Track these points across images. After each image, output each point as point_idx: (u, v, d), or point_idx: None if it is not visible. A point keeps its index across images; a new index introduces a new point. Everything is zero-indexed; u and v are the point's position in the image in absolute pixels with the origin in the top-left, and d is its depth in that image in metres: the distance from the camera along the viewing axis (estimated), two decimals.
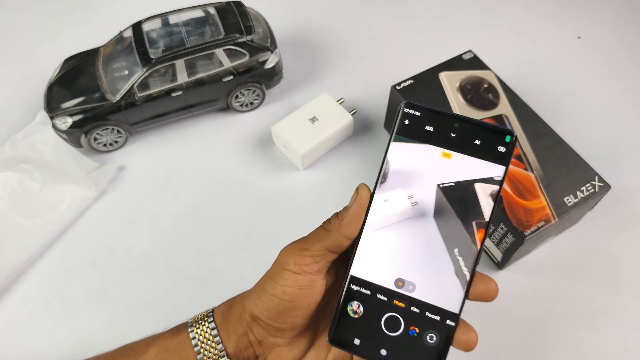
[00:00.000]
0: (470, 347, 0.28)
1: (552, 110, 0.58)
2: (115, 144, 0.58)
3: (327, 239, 0.30)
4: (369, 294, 0.30)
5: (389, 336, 0.29)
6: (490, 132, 0.29)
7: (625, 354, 0.45)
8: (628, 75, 0.65)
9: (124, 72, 0.55)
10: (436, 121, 0.30)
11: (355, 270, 0.30)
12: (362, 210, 0.30)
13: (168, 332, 0.35)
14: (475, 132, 0.29)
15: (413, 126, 0.30)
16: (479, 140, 0.29)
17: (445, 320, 0.29)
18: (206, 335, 0.33)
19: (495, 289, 0.29)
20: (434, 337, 0.29)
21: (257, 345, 0.33)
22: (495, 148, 0.29)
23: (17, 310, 0.48)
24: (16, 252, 0.49)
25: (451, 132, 0.30)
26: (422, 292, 0.29)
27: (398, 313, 0.29)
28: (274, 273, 0.31)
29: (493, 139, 0.29)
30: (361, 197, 0.30)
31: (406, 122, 0.30)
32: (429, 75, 0.54)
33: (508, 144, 0.29)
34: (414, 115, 0.30)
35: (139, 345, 0.35)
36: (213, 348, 0.33)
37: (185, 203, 0.54)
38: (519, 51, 0.67)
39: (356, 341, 0.29)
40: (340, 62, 0.66)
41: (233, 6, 0.58)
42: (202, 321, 0.34)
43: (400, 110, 0.30)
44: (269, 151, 0.58)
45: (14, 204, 0.52)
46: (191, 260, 0.50)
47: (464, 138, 0.29)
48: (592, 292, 0.48)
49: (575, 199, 0.45)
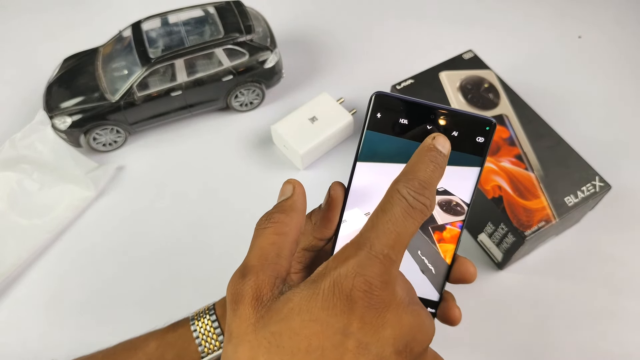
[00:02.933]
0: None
1: (552, 110, 0.58)
2: (114, 144, 0.58)
3: (302, 241, 0.29)
4: None
5: None
6: (470, 120, 0.27)
7: (625, 354, 0.45)
8: (628, 75, 0.65)
9: (124, 71, 0.55)
10: (410, 112, 0.28)
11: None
12: (334, 212, 0.28)
13: (169, 326, 0.36)
14: (454, 122, 0.27)
15: (386, 119, 0.28)
16: (456, 131, 0.27)
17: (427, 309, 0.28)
18: (207, 327, 0.34)
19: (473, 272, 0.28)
20: None
21: None
22: (474, 138, 0.27)
23: (17, 310, 0.48)
24: (15, 252, 0.49)
25: (427, 123, 0.27)
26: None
27: None
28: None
29: (472, 129, 0.27)
30: (332, 198, 0.28)
31: (378, 115, 0.28)
32: (429, 74, 0.54)
33: (487, 132, 0.27)
34: (386, 107, 0.28)
35: (139, 340, 0.36)
36: (214, 339, 0.33)
37: (185, 203, 0.54)
38: (519, 51, 0.67)
39: None
40: (340, 62, 0.66)
41: (233, 5, 0.58)
42: (204, 315, 0.35)
43: (370, 102, 0.28)
44: (268, 151, 0.58)
45: (13, 203, 0.52)
46: (190, 260, 0.50)
47: (441, 129, 0.27)
48: (592, 292, 0.48)
49: (575, 199, 0.45)
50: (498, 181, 0.46)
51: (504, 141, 0.49)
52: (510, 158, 0.48)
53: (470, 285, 0.48)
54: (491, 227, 0.47)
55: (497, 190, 0.46)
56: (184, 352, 0.34)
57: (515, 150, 0.48)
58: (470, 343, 0.45)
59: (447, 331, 0.32)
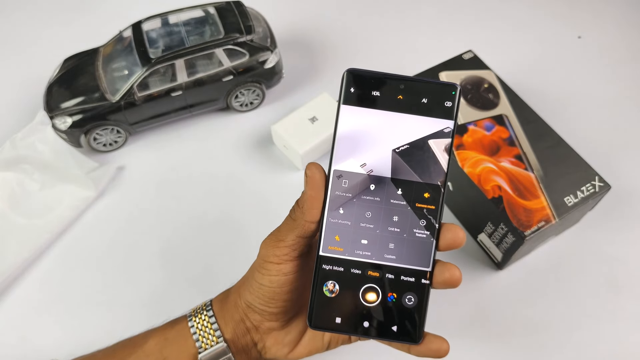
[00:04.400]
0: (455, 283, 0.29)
1: (552, 110, 0.58)
2: (114, 144, 0.58)
3: (295, 228, 0.30)
4: (342, 271, 0.29)
5: (369, 307, 0.29)
6: (436, 87, 0.30)
7: (625, 354, 0.45)
8: (628, 75, 0.65)
9: (124, 72, 0.55)
10: (381, 85, 0.30)
11: (324, 249, 0.30)
12: (318, 192, 0.29)
13: (167, 324, 0.36)
14: (421, 91, 0.29)
15: (359, 93, 0.30)
16: (425, 99, 0.29)
17: (420, 279, 0.29)
18: (204, 324, 0.34)
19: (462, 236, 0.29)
20: (412, 298, 0.29)
21: (255, 331, 0.34)
22: (442, 103, 0.29)
23: (17, 309, 0.48)
24: (16, 252, 0.49)
25: (397, 94, 0.30)
26: (393, 258, 0.29)
27: (374, 283, 0.29)
28: (259, 265, 0.32)
29: (439, 95, 0.29)
30: (312, 178, 0.29)
31: (352, 90, 0.30)
32: (429, 75, 0.54)
33: (453, 97, 0.29)
34: (358, 82, 0.30)
35: (138, 337, 0.36)
36: (211, 335, 0.34)
37: (185, 203, 0.54)
38: (519, 51, 0.67)
39: (337, 320, 0.29)
40: (340, 62, 0.66)
41: (233, 6, 0.58)
42: (201, 312, 0.35)
43: (343, 78, 0.30)
44: (269, 151, 0.58)
45: (14, 204, 0.52)
46: (190, 260, 0.50)
47: (410, 98, 0.29)
48: (592, 292, 0.48)
49: (575, 199, 0.45)
50: (498, 181, 0.46)
51: (504, 141, 0.49)
52: (510, 158, 0.48)
53: (470, 285, 0.48)
54: (491, 227, 0.47)
55: (496, 190, 0.46)
56: (182, 348, 0.34)
57: (515, 150, 0.48)
58: (469, 343, 0.45)
59: (447, 331, 0.32)
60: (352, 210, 0.30)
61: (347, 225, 0.30)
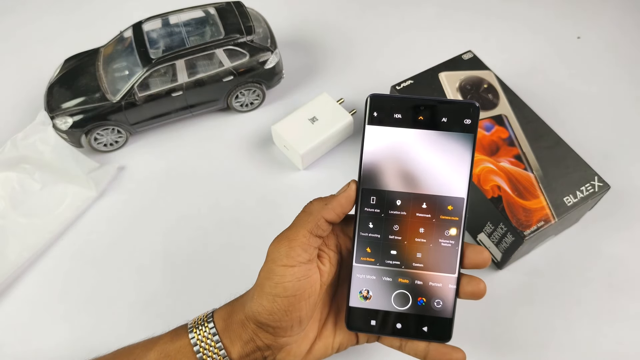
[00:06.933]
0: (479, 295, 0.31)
1: (551, 110, 0.58)
2: (115, 144, 0.58)
3: (308, 222, 0.31)
4: (375, 279, 0.32)
5: (400, 311, 0.32)
6: (454, 107, 0.32)
7: (625, 353, 0.45)
8: (628, 75, 0.65)
9: (125, 72, 0.55)
10: (403, 108, 0.32)
11: (357, 260, 0.33)
12: (348, 202, 0.32)
13: (167, 336, 0.35)
14: (441, 110, 0.32)
15: (382, 116, 0.32)
16: (445, 118, 0.32)
17: (448, 285, 0.32)
18: (207, 339, 0.33)
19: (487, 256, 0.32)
20: (441, 302, 0.32)
21: (266, 349, 0.32)
22: (462, 121, 0.31)
23: (17, 310, 0.48)
24: (17, 251, 0.49)
25: (419, 114, 0.32)
26: (421, 266, 0.32)
27: (404, 289, 0.32)
28: (268, 271, 0.31)
29: (458, 113, 0.31)
30: (350, 189, 0.32)
31: (375, 114, 0.32)
32: (428, 75, 0.54)
33: (472, 114, 0.31)
34: (382, 106, 0.32)
35: (138, 349, 0.35)
36: (215, 354, 0.32)
37: (185, 203, 0.54)
38: (518, 51, 0.67)
39: (372, 322, 0.32)
40: (340, 62, 0.66)
41: (233, 6, 0.58)
42: (202, 325, 0.33)
43: (367, 103, 0.32)
44: (269, 151, 0.58)
45: (15, 204, 0.52)
46: (191, 260, 0.51)
47: (432, 118, 0.32)
48: (592, 291, 0.48)
49: (574, 199, 0.45)
50: (497, 181, 0.46)
51: (503, 141, 0.49)
52: (510, 158, 0.48)
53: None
54: (490, 226, 0.47)
55: (496, 190, 0.46)
56: None
57: (515, 150, 0.48)
58: (469, 343, 0.45)
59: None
60: (381, 225, 0.32)
61: (376, 238, 0.33)
